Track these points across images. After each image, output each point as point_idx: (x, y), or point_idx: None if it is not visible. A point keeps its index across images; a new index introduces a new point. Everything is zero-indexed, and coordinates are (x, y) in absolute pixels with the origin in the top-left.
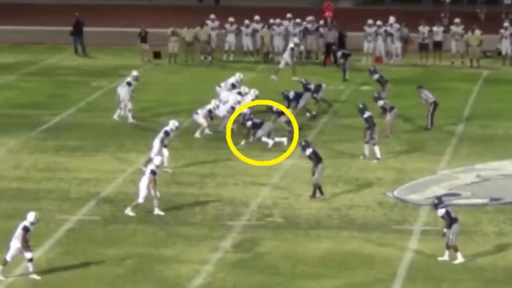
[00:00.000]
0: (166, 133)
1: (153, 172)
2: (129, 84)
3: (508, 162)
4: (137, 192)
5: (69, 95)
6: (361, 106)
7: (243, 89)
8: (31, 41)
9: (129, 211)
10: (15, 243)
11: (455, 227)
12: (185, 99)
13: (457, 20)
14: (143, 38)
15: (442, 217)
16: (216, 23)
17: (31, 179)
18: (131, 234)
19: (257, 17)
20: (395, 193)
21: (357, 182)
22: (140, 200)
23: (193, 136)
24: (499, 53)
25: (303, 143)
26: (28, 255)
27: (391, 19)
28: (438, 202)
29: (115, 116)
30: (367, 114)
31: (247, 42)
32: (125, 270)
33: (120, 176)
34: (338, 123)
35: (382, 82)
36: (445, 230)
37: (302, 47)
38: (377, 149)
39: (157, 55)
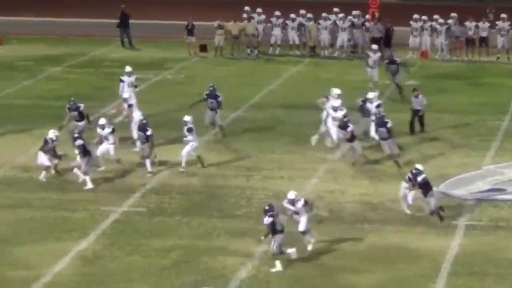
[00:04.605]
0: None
1: None
2: (121, 81)
3: None
4: None
5: (114, 87)
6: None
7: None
8: (78, 33)
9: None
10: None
11: None
12: (230, 92)
13: (503, 15)
14: (190, 31)
15: None
16: (263, 16)
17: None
18: (177, 226)
19: (303, 11)
20: (440, 187)
21: (402, 177)
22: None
23: (243, 129)
24: None
25: (415, 171)
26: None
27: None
28: None
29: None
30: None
31: (293, 36)
32: (170, 262)
33: (166, 168)
34: None
35: None
36: None
37: (351, 42)
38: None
39: (203, 48)
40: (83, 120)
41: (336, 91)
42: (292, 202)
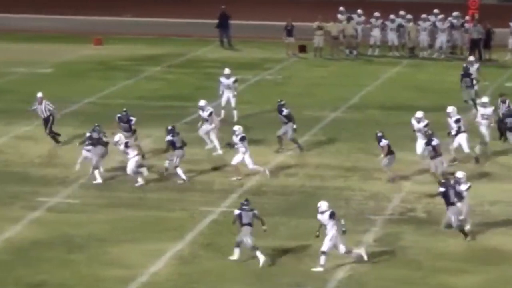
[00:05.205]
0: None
1: None
2: (220, 82)
3: None
4: None
5: (215, 88)
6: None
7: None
8: (177, 33)
9: None
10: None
11: None
12: (329, 93)
13: None
14: (289, 31)
15: None
16: (362, 17)
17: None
18: (274, 227)
19: (402, 12)
20: None
21: (499, 178)
22: None
23: (341, 130)
24: None
25: (443, 180)
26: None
27: None
28: None
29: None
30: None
31: (392, 37)
32: (267, 263)
33: (264, 168)
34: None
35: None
36: None
37: (450, 43)
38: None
39: (302, 48)
40: (130, 131)
41: (484, 99)
42: (321, 212)
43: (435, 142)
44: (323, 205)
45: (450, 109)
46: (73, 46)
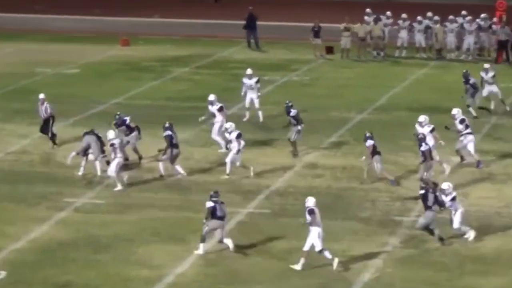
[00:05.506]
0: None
1: None
2: (243, 83)
3: None
4: None
5: (240, 89)
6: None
7: None
8: (204, 34)
9: None
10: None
11: None
12: (356, 94)
13: None
14: (316, 33)
15: None
16: (390, 19)
17: (202, 171)
18: (300, 228)
19: (429, 14)
20: None
21: None
22: None
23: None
24: None
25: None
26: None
27: None
28: None
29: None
30: None
31: (419, 39)
32: (293, 264)
33: (291, 169)
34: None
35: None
36: None
37: (477, 45)
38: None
39: (329, 50)
40: (132, 132)
41: None
42: (307, 207)
43: (423, 147)
44: (309, 200)
45: (455, 111)
46: (100, 46)
